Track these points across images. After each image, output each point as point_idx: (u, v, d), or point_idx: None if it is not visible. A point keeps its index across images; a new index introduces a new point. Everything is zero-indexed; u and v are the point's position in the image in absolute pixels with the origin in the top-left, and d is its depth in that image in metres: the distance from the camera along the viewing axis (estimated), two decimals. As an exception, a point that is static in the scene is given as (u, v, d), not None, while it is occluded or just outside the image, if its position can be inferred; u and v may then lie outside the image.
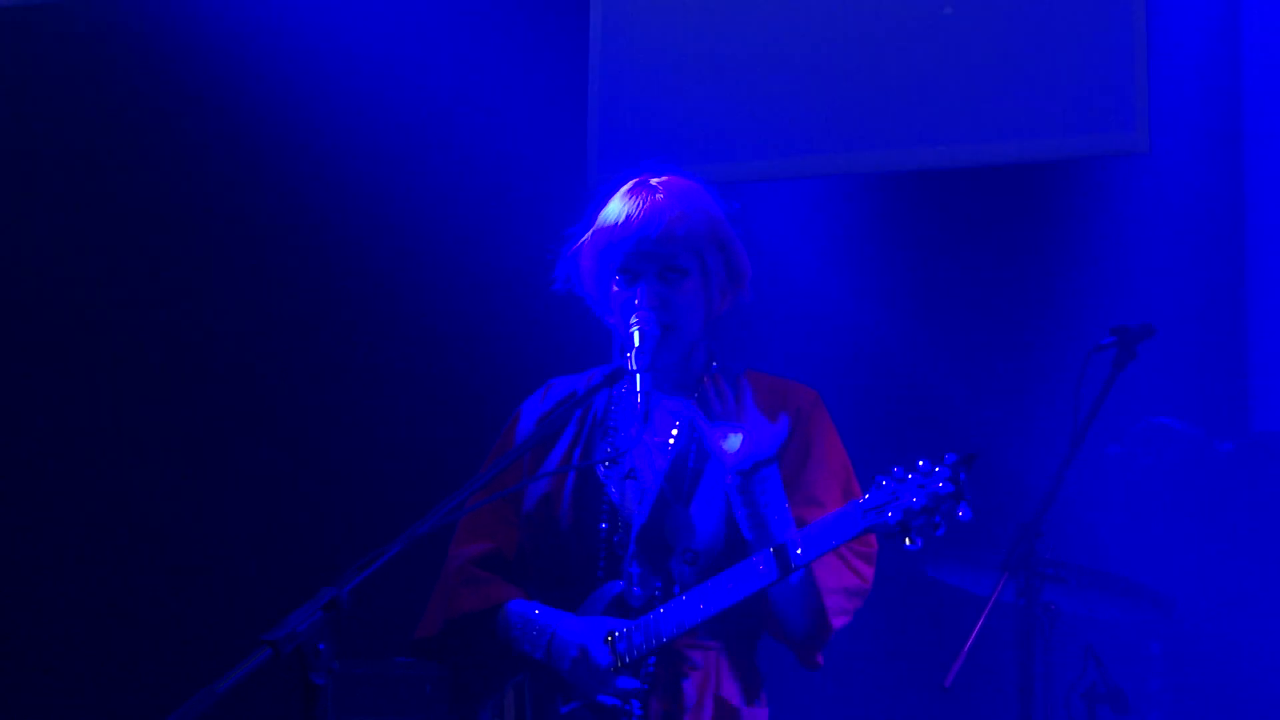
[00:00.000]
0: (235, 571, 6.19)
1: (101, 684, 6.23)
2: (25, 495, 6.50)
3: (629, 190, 3.53)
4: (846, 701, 5.25)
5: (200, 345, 6.44)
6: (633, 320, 3.43)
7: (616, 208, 3.50)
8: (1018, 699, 3.91)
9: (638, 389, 3.34)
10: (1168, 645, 5.25)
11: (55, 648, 6.35)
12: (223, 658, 2.56)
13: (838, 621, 3.41)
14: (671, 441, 3.53)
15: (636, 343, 3.39)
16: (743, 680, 3.48)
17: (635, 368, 3.35)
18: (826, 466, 3.49)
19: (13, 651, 6.38)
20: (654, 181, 3.53)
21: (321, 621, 2.58)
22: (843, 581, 3.41)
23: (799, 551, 3.24)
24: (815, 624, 3.41)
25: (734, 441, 3.36)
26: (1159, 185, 5.55)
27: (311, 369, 6.35)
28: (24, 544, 6.46)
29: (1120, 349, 4.07)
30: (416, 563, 3.13)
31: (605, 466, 3.48)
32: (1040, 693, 4.04)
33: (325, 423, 6.31)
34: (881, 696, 5.53)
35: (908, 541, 3.18)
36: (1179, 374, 5.43)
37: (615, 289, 3.49)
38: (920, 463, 3.21)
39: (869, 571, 3.46)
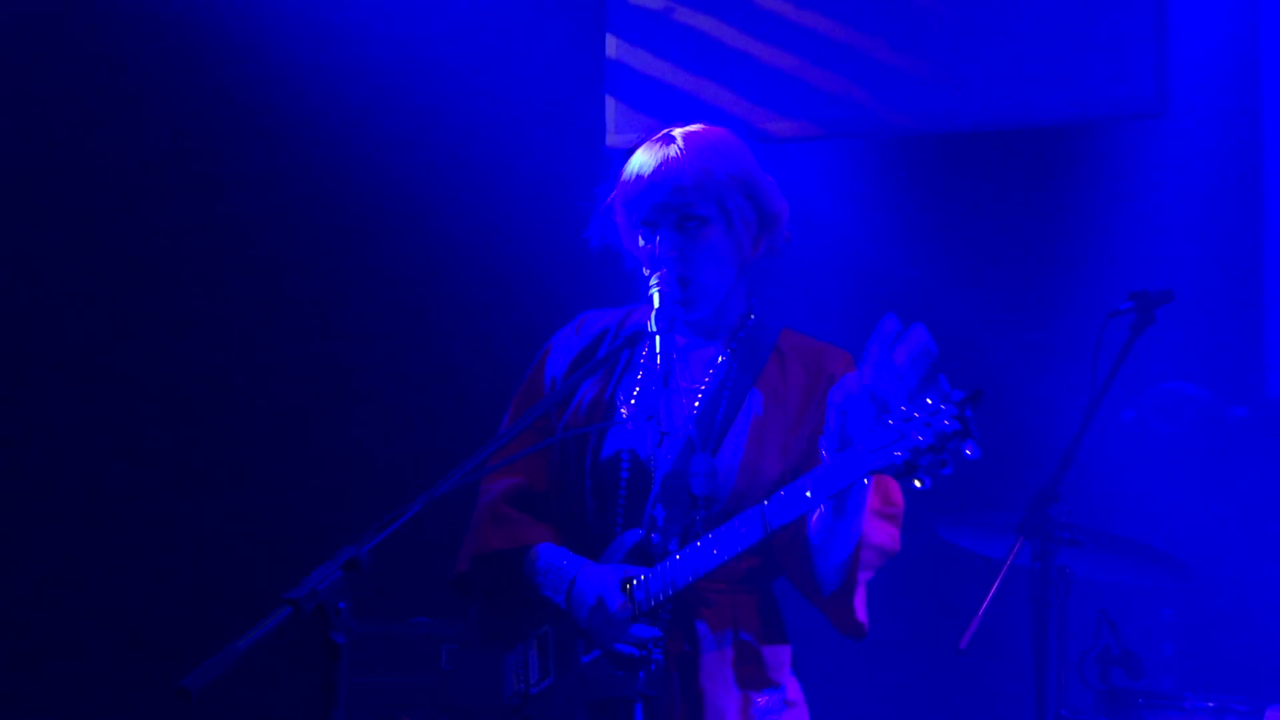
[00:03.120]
0: (258, 530, 6.20)
1: (124, 644, 6.24)
2: (44, 470, 6.50)
3: (650, 143, 3.52)
4: (861, 663, 5.26)
5: (228, 299, 6.41)
6: (653, 282, 3.42)
7: (636, 161, 3.50)
8: (1032, 662, 3.92)
9: (657, 351, 3.34)
10: (1181, 609, 5.25)
11: (82, 612, 6.36)
12: (242, 617, 2.57)
13: (864, 575, 3.38)
14: (702, 390, 3.52)
15: (656, 304, 3.39)
16: (762, 620, 3.48)
17: (655, 329, 3.35)
18: None
19: (36, 615, 6.39)
20: (674, 132, 3.52)
21: (342, 580, 2.59)
22: (877, 538, 3.38)
23: (808, 494, 3.22)
24: (847, 578, 3.37)
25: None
26: (1177, 149, 5.53)
27: (335, 332, 6.35)
28: (49, 514, 6.46)
29: (1139, 314, 4.05)
30: (435, 522, 3.14)
31: (624, 415, 3.47)
32: (1054, 656, 4.06)
33: (347, 387, 6.31)
34: (896, 658, 5.54)
35: (916, 483, 3.16)
36: (1194, 339, 5.42)
37: (641, 242, 3.49)
38: (927, 400, 3.17)
39: (896, 534, 3.42)
